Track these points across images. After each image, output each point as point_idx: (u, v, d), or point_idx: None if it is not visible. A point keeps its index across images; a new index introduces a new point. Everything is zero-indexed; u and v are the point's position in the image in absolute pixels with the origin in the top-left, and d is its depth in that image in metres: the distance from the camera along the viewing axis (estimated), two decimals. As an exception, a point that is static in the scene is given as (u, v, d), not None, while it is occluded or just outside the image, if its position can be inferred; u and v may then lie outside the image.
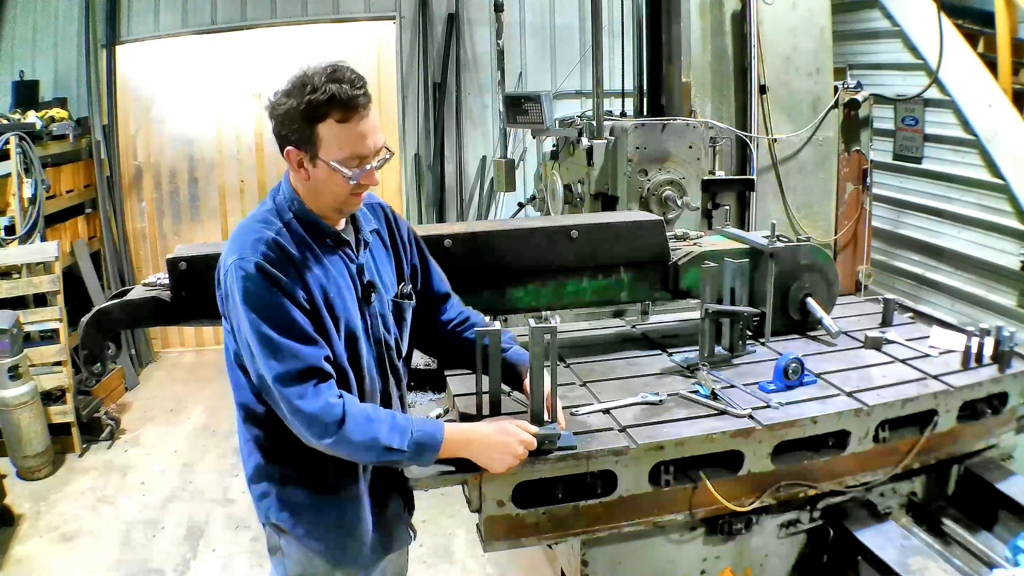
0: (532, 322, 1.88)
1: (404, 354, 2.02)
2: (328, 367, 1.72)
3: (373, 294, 1.90)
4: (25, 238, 4.85)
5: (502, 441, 1.84)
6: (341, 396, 1.72)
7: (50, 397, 4.76)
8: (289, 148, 1.74)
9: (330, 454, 1.75)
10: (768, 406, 2.17)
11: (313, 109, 1.67)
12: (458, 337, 2.13)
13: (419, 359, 2.82)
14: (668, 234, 2.76)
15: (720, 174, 3.97)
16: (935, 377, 2.39)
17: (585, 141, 3.87)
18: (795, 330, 2.78)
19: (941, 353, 2.58)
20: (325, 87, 1.66)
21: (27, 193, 4.90)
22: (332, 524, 1.89)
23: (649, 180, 3.78)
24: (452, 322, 2.14)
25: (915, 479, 2.48)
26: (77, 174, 5.94)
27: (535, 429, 1.90)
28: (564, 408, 2.10)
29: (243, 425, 1.88)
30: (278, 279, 1.69)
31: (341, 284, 1.83)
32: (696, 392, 2.26)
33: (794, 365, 2.29)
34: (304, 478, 1.86)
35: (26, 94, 5.88)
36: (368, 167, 1.75)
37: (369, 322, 1.89)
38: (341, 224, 1.89)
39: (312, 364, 1.69)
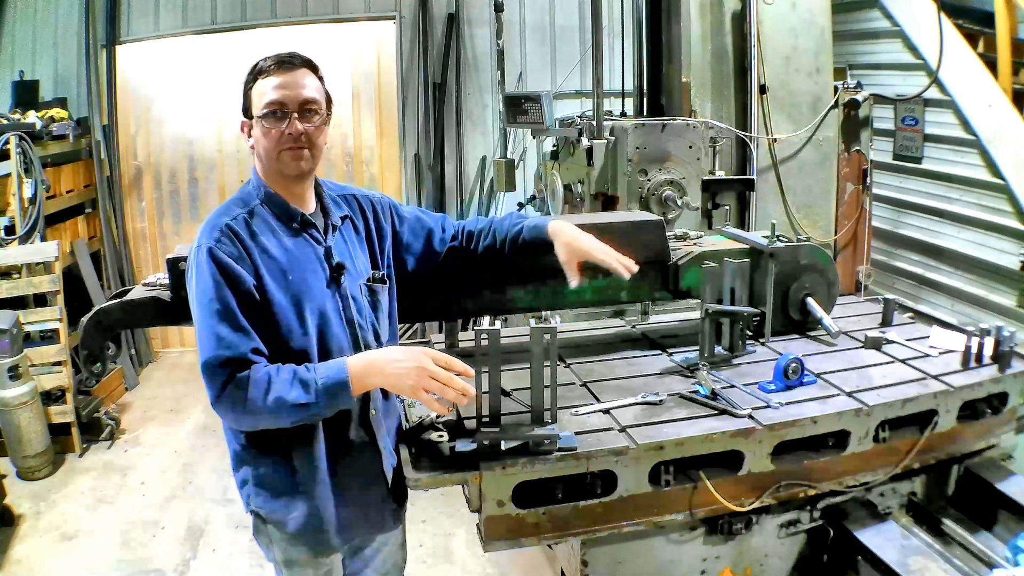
0: (532, 322, 1.88)
1: (382, 337, 2.03)
2: (256, 358, 1.74)
3: (343, 276, 1.93)
4: (25, 238, 4.85)
5: (403, 354, 1.79)
6: (248, 370, 1.72)
7: (50, 397, 4.76)
8: (242, 120, 1.88)
9: (259, 429, 1.79)
10: (768, 406, 2.17)
11: (250, 75, 1.85)
12: (494, 247, 2.25)
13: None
14: (668, 234, 2.76)
15: (720, 174, 3.97)
16: (935, 377, 2.39)
17: (585, 141, 3.86)
18: (795, 330, 2.78)
19: (941, 353, 2.58)
20: (264, 59, 1.83)
21: (27, 193, 4.91)
22: (302, 507, 1.91)
23: (649, 180, 3.77)
24: (473, 238, 2.25)
25: (915, 479, 2.48)
26: (77, 174, 5.94)
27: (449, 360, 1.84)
28: (564, 408, 2.10)
29: None
30: (225, 265, 1.74)
31: (306, 267, 1.86)
32: (696, 392, 2.26)
33: (794, 365, 2.29)
34: (273, 460, 1.89)
35: (26, 94, 5.87)
36: (288, 117, 1.80)
37: (340, 303, 1.92)
38: (311, 207, 1.94)
39: (239, 354, 1.71)
